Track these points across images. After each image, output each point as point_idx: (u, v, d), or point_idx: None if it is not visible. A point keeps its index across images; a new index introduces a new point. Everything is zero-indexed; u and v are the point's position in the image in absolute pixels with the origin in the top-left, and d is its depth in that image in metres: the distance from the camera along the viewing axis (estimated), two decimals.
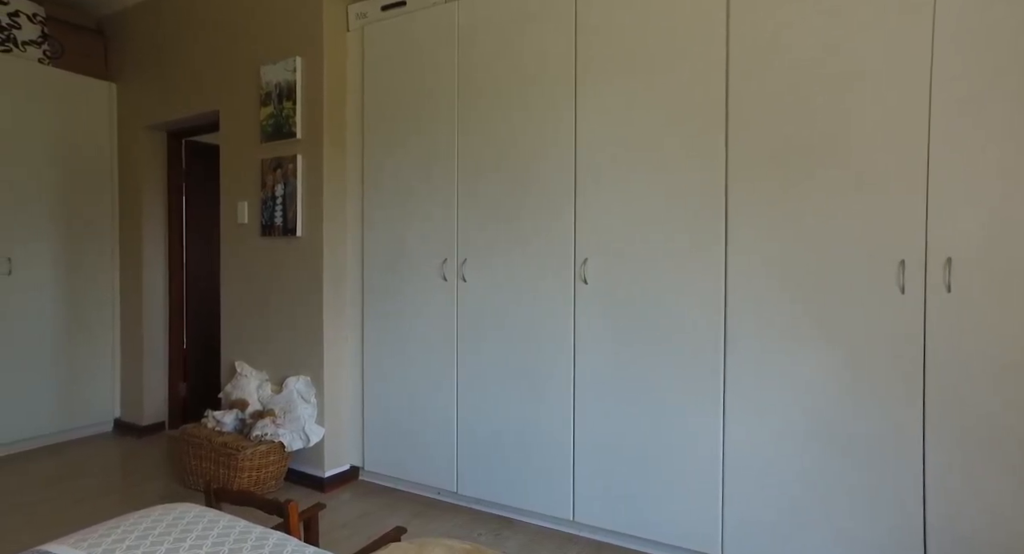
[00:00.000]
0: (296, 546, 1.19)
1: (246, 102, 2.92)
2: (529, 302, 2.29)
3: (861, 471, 1.73)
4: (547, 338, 2.26)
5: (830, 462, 1.77)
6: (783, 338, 1.83)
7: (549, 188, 2.24)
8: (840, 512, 1.76)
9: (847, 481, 1.75)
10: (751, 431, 1.89)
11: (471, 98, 2.41)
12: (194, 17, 3.17)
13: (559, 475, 2.24)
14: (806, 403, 1.80)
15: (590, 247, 2.16)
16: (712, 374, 1.94)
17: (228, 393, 2.86)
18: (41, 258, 3.24)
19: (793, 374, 1.82)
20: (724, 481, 1.93)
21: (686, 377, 1.99)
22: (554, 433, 2.25)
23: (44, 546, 1.20)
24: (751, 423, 1.89)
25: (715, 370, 1.94)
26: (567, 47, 2.19)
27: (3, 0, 3.10)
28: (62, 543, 1.20)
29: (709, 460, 1.95)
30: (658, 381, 2.04)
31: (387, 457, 2.67)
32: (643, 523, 2.08)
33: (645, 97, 2.04)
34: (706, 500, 1.96)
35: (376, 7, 2.65)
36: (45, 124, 3.24)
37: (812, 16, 1.78)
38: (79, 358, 3.40)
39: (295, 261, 2.74)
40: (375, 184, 2.67)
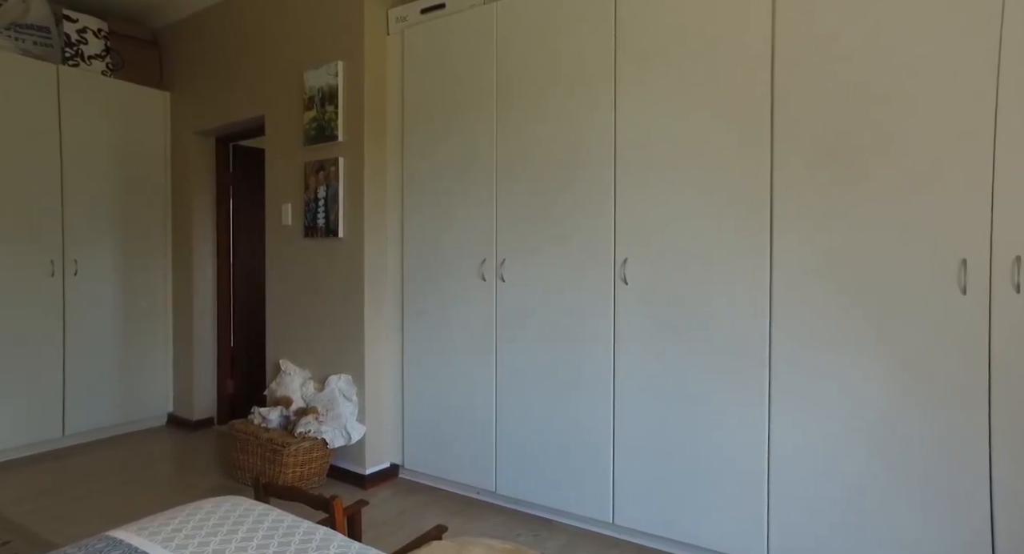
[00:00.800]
0: (342, 541, 1.21)
1: (290, 107, 2.99)
2: (568, 302, 2.28)
3: (920, 479, 1.65)
4: (586, 338, 2.24)
5: (885, 470, 1.69)
6: (833, 340, 1.76)
7: (588, 188, 2.22)
8: (898, 522, 1.68)
9: (904, 490, 1.67)
10: (798, 435, 1.82)
11: (509, 98, 2.41)
12: (241, 27, 3.28)
13: (598, 476, 2.22)
14: (858, 407, 1.73)
15: (630, 247, 2.13)
16: (756, 376, 1.89)
17: (273, 390, 2.94)
18: (102, 259, 3.40)
19: (844, 377, 1.75)
20: (770, 487, 1.87)
21: (729, 379, 1.94)
22: (593, 434, 2.23)
23: (110, 532, 1.26)
24: (798, 427, 1.82)
25: (759, 372, 1.88)
26: (606, 45, 2.17)
27: (72, 18, 3.27)
28: (126, 530, 1.26)
29: (754, 465, 1.90)
30: (701, 383, 1.99)
31: (426, 455, 2.70)
32: (685, 528, 2.03)
33: (687, 94, 2.00)
34: (751, 506, 1.90)
35: (415, 10, 2.68)
36: (107, 132, 3.40)
37: (868, 4, 1.71)
38: (136, 355, 3.56)
39: (337, 262, 2.80)
40: (414, 185, 2.71)
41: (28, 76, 3.08)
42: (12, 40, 3.09)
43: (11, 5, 3.06)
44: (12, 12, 3.06)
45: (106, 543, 1.20)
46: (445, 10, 2.59)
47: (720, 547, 1.96)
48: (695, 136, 1.99)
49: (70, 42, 3.29)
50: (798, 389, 1.82)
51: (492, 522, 2.38)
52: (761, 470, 1.89)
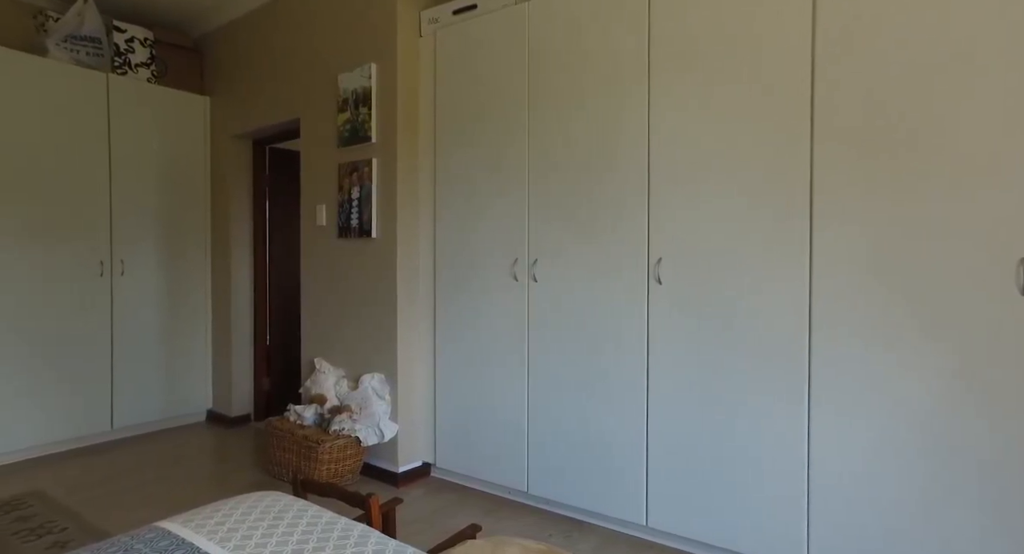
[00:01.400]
0: (379, 539, 1.22)
1: (325, 109, 3.05)
2: (601, 302, 2.26)
3: (972, 487, 1.58)
4: (619, 338, 2.21)
5: (934, 476, 1.63)
6: (877, 340, 1.70)
7: (621, 187, 2.20)
8: (946, 531, 1.61)
9: (955, 497, 1.60)
10: (841, 441, 1.77)
11: (541, 98, 2.41)
12: (278, 32, 3.35)
13: (631, 478, 2.20)
14: (905, 411, 1.67)
15: (664, 246, 2.11)
16: (796, 377, 1.84)
17: (308, 388, 3.00)
18: (147, 259, 3.52)
19: (889, 379, 1.69)
20: (810, 491, 1.82)
21: (767, 380, 1.89)
22: (626, 435, 2.21)
23: (158, 523, 1.30)
24: (841, 432, 1.77)
25: (799, 373, 1.83)
26: (640, 43, 2.14)
27: (121, 28, 3.40)
28: (173, 521, 1.30)
29: (793, 468, 1.85)
30: (737, 384, 1.95)
31: (458, 455, 2.71)
32: (722, 532, 1.99)
33: (723, 90, 1.96)
34: (790, 511, 1.85)
35: (447, 12, 2.70)
36: (151, 137, 3.52)
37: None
38: (177, 353, 3.67)
39: (370, 262, 2.84)
40: (447, 185, 2.72)
41: (81, 85, 3.22)
42: (68, 51, 3.23)
43: (68, 19, 3.20)
44: (69, 25, 3.21)
45: (155, 533, 1.24)
46: (477, 11, 2.60)
47: (759, 552, 1.92)
48: (731, 132, 1.95)
49: (119, 51, 3.41)
50: (840, 391, 1.77)
51: (524, 522, 2.38)
52: (801, 474, 1.84)
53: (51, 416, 3.13)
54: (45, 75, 3.09)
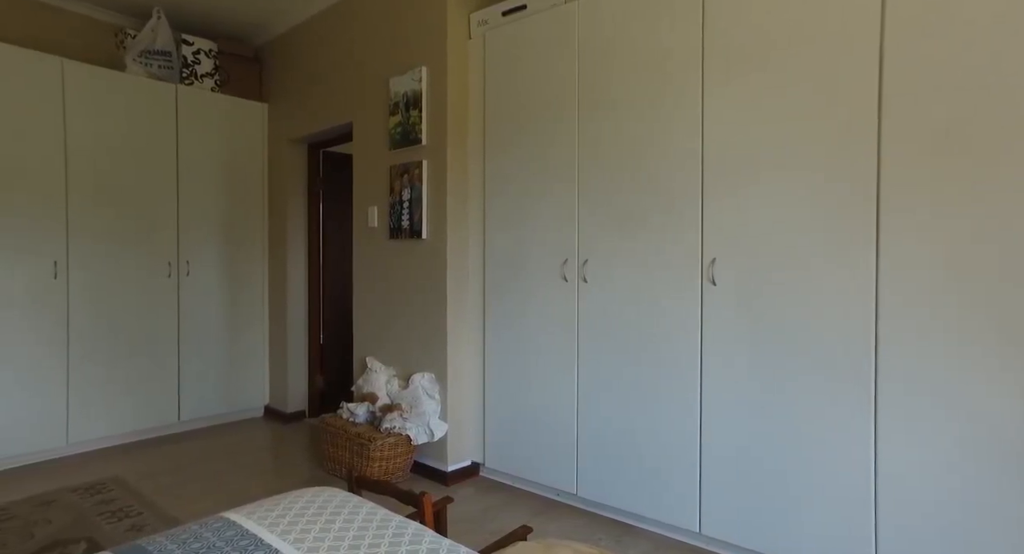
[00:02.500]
0: (433, 538, 1.23)
1: (376, 113, 3.11)
2: (653, 302, 2.21)
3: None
4: (672, 340, 2.16)
5: (1020, 497, 1.51)
6: (953, 350, 1.60)
7: (674, 186, 2.15)
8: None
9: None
10: (912, 454, 1.67)
11: (592, 97, 2.38)
12: (332, 39, 3.45)
13: (684, 484, 2.14)
14: (984, 426, 1.56)
15: (719, 247, 2.04)
16: (861, 386, 1.75)
17: (360, 387, 3.07)
18: (209, 260, 3.69)
19: (967, 392, 1.58)
20: (877, 509, 1.73)
21: (830, 388, 1.80)
22: (678, 439, 2.15)
23: (224, 513, 1.36)
24: (912, 444, 1.67)
25: (864, 382, 1.74)
26: (694, 40, 2.09)
27: (189, 41, 3.58)
28: (238, 512, 1.35)
29: (859, 482, 1.76)
30: (798, 390, 1.87)
31: (507, 455, 2.72)
32: (779, 543, 1.92)
33: (781, 86, 1.89)
34: (857, 526, 1.76)
35: (497, 13, 2.70)
36: (215, 143, 3.69)
37: None
38: (237, 350, 3.83)
39: (420, 262, 2.88)
40: (496, 186, 2.73)
41: (154, 96, 3.41)
42: (143, 65, 3.44)
43: (143, 35, 3.41)
44: (144, 41, 3.42)
45: (222, 523, 1.30)
46: (526, 11, 2.59)
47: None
48: (791, 129, 1.87)
49: (186, 63, 3.60)
50: (911, 403, 1.67)
51: (572, 524, 2.36)
52: (868, 488, 1.74)
53: (127, 408, 3.33)
54: (123, 88, 3.30)
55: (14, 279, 2.95)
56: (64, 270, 3.10)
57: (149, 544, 1.23)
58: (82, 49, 3.57)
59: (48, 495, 2.60)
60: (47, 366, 3.05)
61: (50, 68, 3.05)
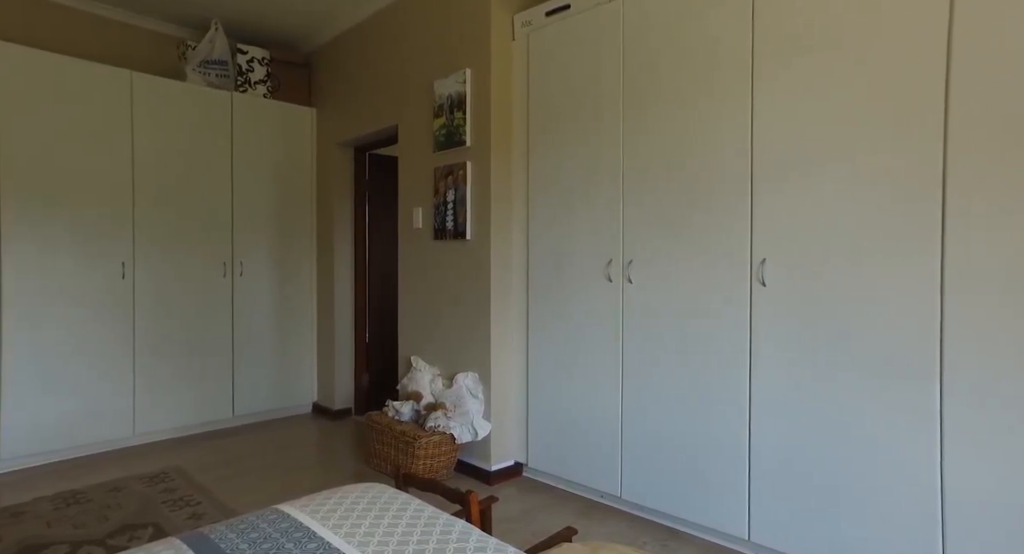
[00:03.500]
0: (480, 537, 1.24)
1: (421, 115, 3.16)
2: (699, 303, 2.17)
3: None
4: (720, 341, 2.11)
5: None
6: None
7: (722, 185, 2.10)
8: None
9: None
10: (981, 467, 1.58)
11: (636, 96, 2.35)
12: (377, 44, 3.52)
13: (732, 489, 2.09)
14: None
15: (769, 247, 1.98)
16: (924, 393, 1.66)
17: (404, 385, 3.13)
18: (261, 261, 3.84)
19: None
20: (945, 526, 1.64)
21: (889, 394, 1.72)
22: (726, 444, 2.10)
23: (278, 506, 1.41)
24: (980, 458, 1.58)
25: (928, 389, 1.65)
26: (743, 35, 2.03)
27: (244, 50, 3.73)
28: (291, 505, 1.40)
29: (924, 496, 1.67)
30: (854, 396, 1.80)
31: (550, 455, 2.71)
32: (833, 552, 1.85)
33: (837, 76, 1.82)
34: (922, 543, 1.68)
35: (540, 13, 2.70)
36: (266, 148, 3.84)
37: None
38: (287, 348, 3.97)
39: (464, 263, 2.91)
40: (540, 186, 2.73)
41: (211, 104, 3.57)
42: (201, 75, 3.61)
43: (203, 46, 3.58)
44: (203, 52, 3.59)
45: (277, 515, 1.35)
46: (570, 10, 2.58)
47: None
48: (848, 123, 1.80)
49: (241, 71, 3.75)
50: (979, 411, 1.58)
51: (616, 527, 2.34)
52: (934, 503, 1.66)
53: (186, 403, 3.50)
54: (184, 97, 3.46)
55: (89, 280, 3.14)
56: (131, 271, 3.28)
57: (211, 533, 1.28)
58: (148, 61, 3.77)
59: (118, 482, 2.76)
60: (116, 361, 3.24)
61: (121, 81, 3.23)
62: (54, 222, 3.03)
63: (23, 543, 2.17)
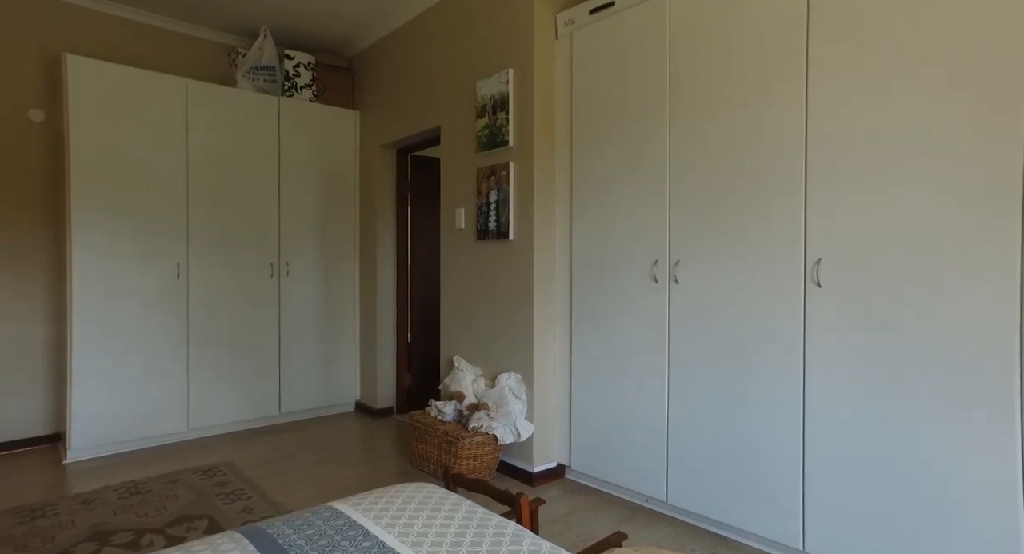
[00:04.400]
0: (533, 539, 1.24)
1: (463, 116, 3.18)
2: (749, 304, 2.11)
3: None
4: (771, 343, 2.05)
5: None
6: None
7: (773, 182, 2.03)
8: None
9: None
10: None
11: (683, 93, 2.30)
12: (420, 47, 3.56)
13: (785, 496, 2.02)
14: None
15: (825, 246, 1.91)
16: (1004, 406, 1.57)
17: (447, 385, 3.15)
18: (307, 261, 3.93)
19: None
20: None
21: (963, 405, 1.63)
22: (778, 449, 2.04)
23: (332, 503, 1.43)
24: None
25: (1008, 402, 1.56)
26: (796, 30, 1.96)
27: (290, 56, 3.83)
28: (344, 503, 1.42)
29: (1005, 515, 1.58)
30: (921, 405, 1.71)
31: (593, 458, 2.69)
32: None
33: (902, 67, 1.73)
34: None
35: (584, 12, 2.68)
36: (312, 151, 3.93)
37: None
38: (332, 347, 4.05)
39: (507, 263, 2.91)
40: (583, 187, 2.71)
41: (259, 108, 3.68)
42: (251, 81, 3.72)
43: (252, 53, 3.69)
44: (252, 58, 3.70)
45: (331, 513, 1.37)
46: (614, 8, 2.55)
47: None
48: (915, 117, 1.72)
49: (288, 76, 3.85)
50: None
51: (663, 532, 2.29)
52: (1014, 527, 1.56)
53: (236, 399, 3.61)
54: (234, 103, 3.58)
55: (147, 279, 3.28)
56: (185, 271, 3.41)
57: (269, 527, 1.31)
58: (201, 69, 3.91)
59: (175, 474, 2.87)
60: (172, 358, 3.37)
61: (177, 89, 3.36)
62: (118, 224, 3.17)
63: (94, 528, 2.28)
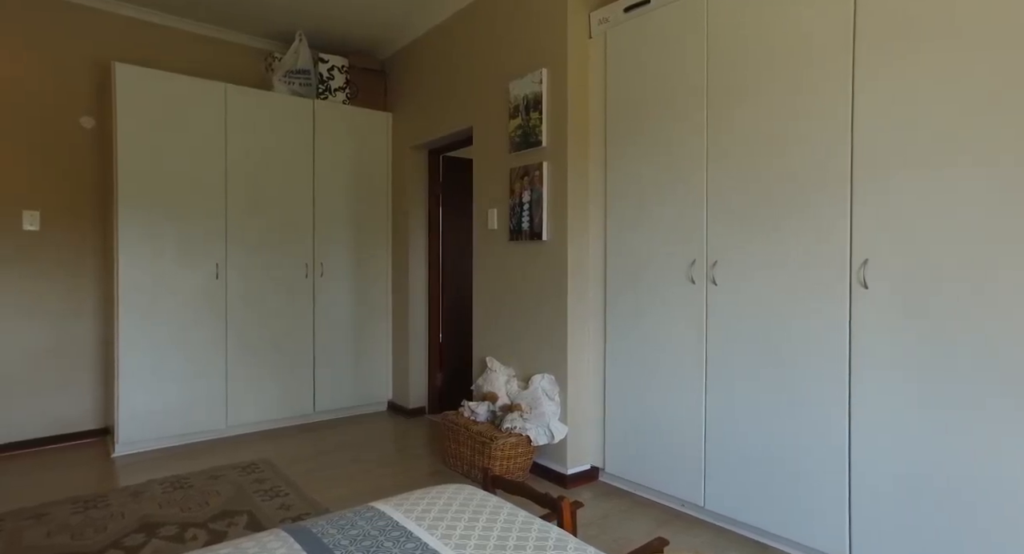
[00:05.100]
0: (577, 544, 1.22)
1: (496, 116, 3.18)
2: (790, 306, 2.05)
3: None
4: (814, 346, 1.99)
5: None
6: None
7: (817, 179, 1.98)
8: None
9: None
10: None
11: (722, 91, 2.25)
12: (452, 48, 3.57)
13: (830, 504, 1.96)
14: None
15: (872, 246, 1.85)
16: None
17: (479, 386, 3.15)
18: (340, 262, 3.98)
19: None
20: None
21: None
22: (823, 456, 1.98)
23: (373, 504, 1.44)
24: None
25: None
26: (842, 26, 1.90)
27: (324, 59, 3.89)
28: (386, 503, 1.43)
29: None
30: (979, 414, 1.64)
31: (628, 461, 2.65)
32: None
33: (958, 70, 1.66)
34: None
35: (618, 10, 2.65)
36: (345, 152, 3.98)
37: None
38: (364, 347, 4.10)
39: (540, 264, 2.89)
40: (618, 186, 2.68)
41: (294, 112, 3.74)
42: (286, 84, 3.79)
43: (288, 57, 3.75)
44: (288, 63, 3.77)
45: (373, 513, 1.38)
46: (650, 5, 2.51)
47: None
48: (970, 112, 1.64)
49: (322, 79, 3.91)
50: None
51: (701, 538, 2.25)
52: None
53: (272, 397, 3.68)
54: (271, 106, 3.65)
55: (188, 279, 3.36)
56: (224, 271, 3.49)
57: (313, 526, 1.33)
58: (239, 74, 4.00)
59: (215, 470, 2.94)
60: (211, 356, 3.45)
61: (216, 93, 3.44)
62: (161, 226, 3.26)
63: (142, 520, 2.36)
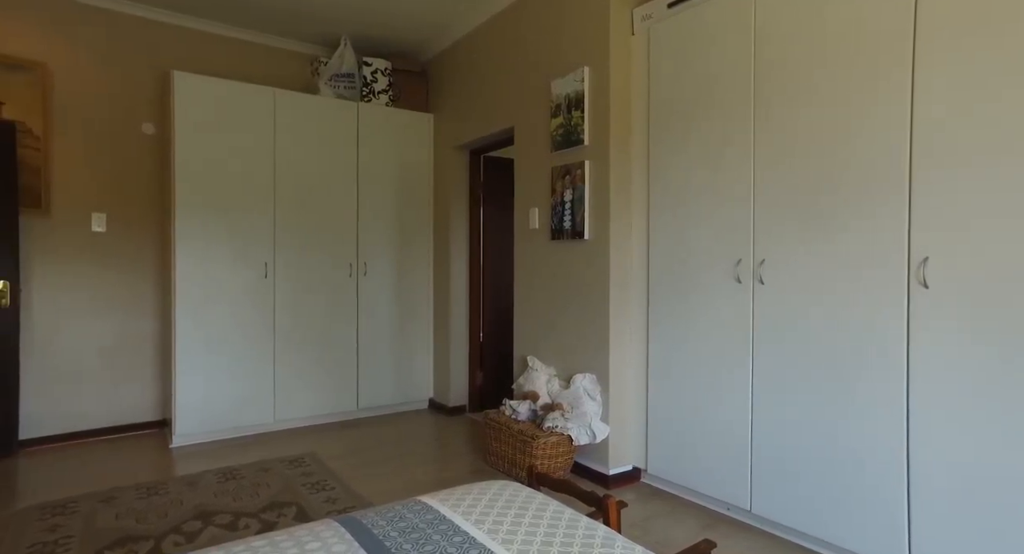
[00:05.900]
0: (625, 543, 1.21)
1: (538, 116, 3.18)
2: (843, 305, 1.98)
3: None
4: (868, 347, 1.92)
5: None
6: None
7: (872, 177, 1.90)
8: None
9: None
10: None
11: (769, 87, 2.20)
12: (493, 48, 3.59)
13: (885, 512, 1.89)
14: None
15: (932, 244, 1.77)
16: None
17: (520, 385, 3.15)
18: (383, 261, 4.06)
19: None
20: None
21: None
22: (878, 463, 1.90)
23: (420, 498, 1.46)
24: None
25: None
26: (902, 18, 1.83)
27: (368, 63, 3.98)
28: (432, 498, 1.45)
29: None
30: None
31: (671, 462, 2.61)
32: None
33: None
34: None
35: (662, 6, 2.61)
36: (388, 153, 4.05)
37: None
38: (406, 345, 4.16)
39: (582, 263, 2.88)
40: (661, 184, 2.64)
41: (339, 114, 3.83)
42: (331, 88, 3.89)
43: (333, 61, 3.85)
44: (334, 67, 3.87)
45: (421, 507, 1.40)
46: (694, 0, 2.47)
47: None
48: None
49: (366, 82, 3.99)
50: None
51: (746, 544, 2.20)
52: None
53: (317, 394, 3.78)
54: (317, 110, 3.75)
55: (239, 278, 3.49)
56: (272, 270, 3.60)
57: (363, 518, 1.36)
58: (287, 79, 4.13)
59: (265, 463, 3.04)
60: (260, 352, 3.57)
61: (266, 98, 3.56)
62: (216, 226, 3.40)
63: (198, 509, 2.47)
